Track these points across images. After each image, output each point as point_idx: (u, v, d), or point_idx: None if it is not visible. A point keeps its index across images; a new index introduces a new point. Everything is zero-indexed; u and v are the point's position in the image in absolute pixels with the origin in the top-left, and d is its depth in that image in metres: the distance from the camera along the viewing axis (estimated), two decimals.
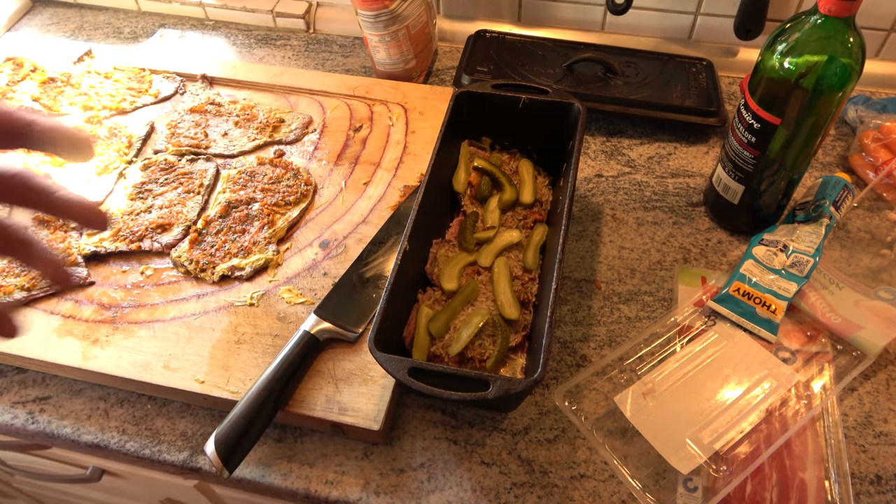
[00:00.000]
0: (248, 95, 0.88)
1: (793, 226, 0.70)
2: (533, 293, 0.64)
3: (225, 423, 0.54)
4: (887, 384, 0.63)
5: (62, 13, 1.10)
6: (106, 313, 0.65)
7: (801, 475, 0.56)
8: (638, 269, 0.72)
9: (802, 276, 0.66)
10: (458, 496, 0.56)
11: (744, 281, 0.66)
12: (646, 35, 0.97)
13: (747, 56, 0.94)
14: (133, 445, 0.60)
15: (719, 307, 0.66)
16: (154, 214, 0.73)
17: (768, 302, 0.65)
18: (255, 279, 0.68)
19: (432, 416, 0.61)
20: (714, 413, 0.59)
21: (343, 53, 1.00)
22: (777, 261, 0.66)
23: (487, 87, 0.72)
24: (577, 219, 0.77)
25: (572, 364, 0.64)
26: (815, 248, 0.66)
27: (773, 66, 0.60)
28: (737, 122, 0.67)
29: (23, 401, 0.63)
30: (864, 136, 0.81)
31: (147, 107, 0.87)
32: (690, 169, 0.83)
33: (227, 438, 0.53)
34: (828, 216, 0.69)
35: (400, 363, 0.51)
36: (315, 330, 0.60)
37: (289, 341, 0.59)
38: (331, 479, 0.58)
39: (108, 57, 0.92)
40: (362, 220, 0.73)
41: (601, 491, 0.57)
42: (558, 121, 0.71)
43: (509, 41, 0.95)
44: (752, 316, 0.65)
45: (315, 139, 0.82)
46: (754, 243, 0.70)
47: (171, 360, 0.61)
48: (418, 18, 0.87)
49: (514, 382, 0.49)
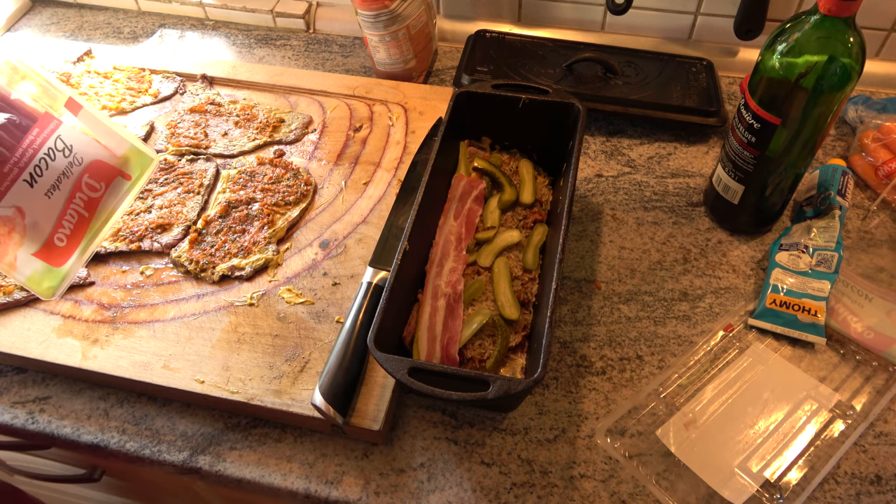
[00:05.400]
0: (248, 95, 0.88)
1: (805, 224, 0.70)
2: (533, 293, 0.64)
3: (324, 375, 0.57)
4: (887, 384, 0.63)
5: (62, 13, 1.10)
6: (106, 313, 0.65)
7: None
8: (638, 269, 0.72)
9: (832, 272, 0.65)
10: (458, 496, 0.56)
11: (777, 291, 0.66)
12: (646, 35, 0.97)
13: (747, 56, 0.94)
14: (133, 445, 0.60)
15: (760, 322, 0.65)
16: (154, 214, 0.73)
17: (807, 306, 0.64)
18: (255, 279, 0.68)
19: (432, 416, 0.61)
20: (759, 439, 0.58)
21: (343, 53, 1.00)
22: (802, 262, 0.66)
23: (487, 87, 0.72)
24: (577, 219, 0.77)
25: (572, 364, 0.64)
26: (836, 242, 0.66)
27: (773, 66, 0.60)
28: (737, 122, 0.67)
29: (23, 401, 0.63)
30: (864, 136, 0.81)
31: (147, 107, 0.87)
32: (690, 169, 0.83)
33: (332, 388, 0.56)
34: (837, 206, 0.69)
35: (400, 363, 0.51)
36: (377, 279, 0.64)
37: (356, 295, 0.63)
38: (331, 479, 0.58)
39: (108, 57, 0.92)
40: (362, 220, 0.73)
41: (601, 491, 0.57)
42: (558, 121, 0.71)
43: (509, 41, 0.95)
44: (795, 323, 0.64)
45: (315, 139, 0.82)
46: (775, 250, 0.69)
47: (171, 360, 0.61)
48: (418, 18, 0.87)
49: (514, 382, 0.49)
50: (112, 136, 0.69)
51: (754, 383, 0.62)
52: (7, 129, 0.59)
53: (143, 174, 0.71)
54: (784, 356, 0.64)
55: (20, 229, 0.61)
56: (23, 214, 0.61)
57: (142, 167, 0.71)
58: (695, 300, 0.69)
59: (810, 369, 0.63)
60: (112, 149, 0.69)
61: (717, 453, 0.57)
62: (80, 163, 0.65)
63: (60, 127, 0.64)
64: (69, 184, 0.64)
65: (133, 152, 0.70)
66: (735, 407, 0.60)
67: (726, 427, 0.59)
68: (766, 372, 0.63)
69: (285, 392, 0.59)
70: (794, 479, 0.56)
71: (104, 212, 0.68)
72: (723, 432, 0.59)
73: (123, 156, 0.70)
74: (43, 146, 0.61)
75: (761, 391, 0.61)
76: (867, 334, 0.64)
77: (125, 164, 0.70)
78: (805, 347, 0.65)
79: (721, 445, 0.58)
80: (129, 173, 0.70)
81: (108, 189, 0.67)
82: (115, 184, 0.68)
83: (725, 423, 0.59)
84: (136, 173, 0.71)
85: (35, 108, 0.63)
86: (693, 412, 0.60)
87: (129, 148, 0.70)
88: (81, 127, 0.66)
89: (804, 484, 0.56)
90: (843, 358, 0.64)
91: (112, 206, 0.68)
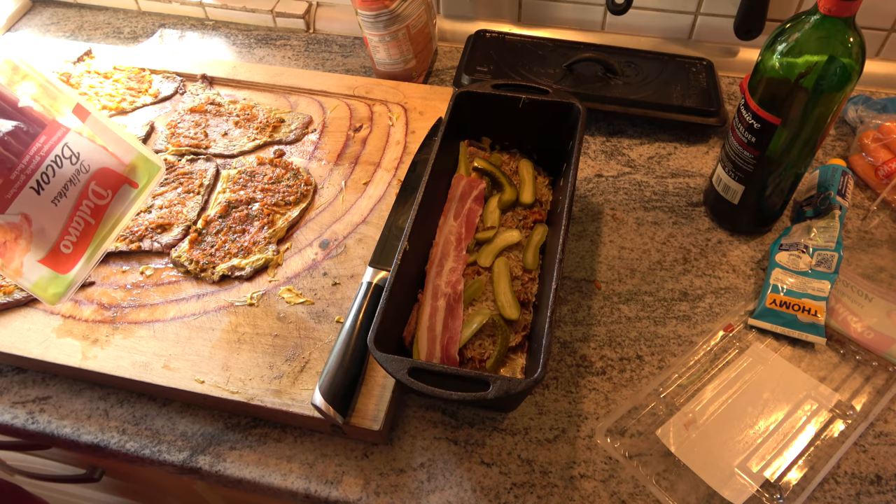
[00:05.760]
0: (248, 95, 0.88)
1: (805, 224, 0.70)
2: (533, 293, 0.64)
3: (324, 375, 0.57)
4: (887, 384, 0.63)
5: (62, 13, 1.10)
6: (106, 313, 0.65)
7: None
8: (638, 269, 0.72)
9: (831, 272, 0.65)
10: (458, 496, 0.56)
11: (777, 291, 0.66)
12: (646, 35, 0.97)
13: (747, 56, 0.94)
14: (133, 445, 0.60)
15: (760, 322, 0.65)
16: (154, 214, 0.73)
17: (807, 306, 0.64)
18: (255, 279, 0.68)
19: (432, 416, 0.61)
20: (759, 439, 0.58)
21: (343, 53, 1.00)
22: (802, 262, 0.66)
23: (487, 87, 0.72)
24: (577, 219, 0.77)
25: (572, 364, 0.65)
26: (836, 242, 0.66)
27: (773, 66, 0.60)
28: (737, 122, 0.67)
29: (23, 401, 0.63)
30: (864, 136, 0.81)
31: (147, 107, 0.87)
32: (690, 169, 0.83)
33: (332, 388, 0.56)
34: (837, 206, 0.69)
35: (400, 363, 0.51)
36: (377, 279, 0.64)
37: (356, 295, 0.63)
38: (331, 479, 0.58)
39: (108, 57, 0.92)
40: (362, 220, 0.73)
41: (601, 491, 0.57)
42: (558, 121, 0.71)
43: (509, 41, 0.95)
44: (795, 323, 0.64)
45: (315, 139, 0.82)
46: (775, 250, 0.69)
47: (171, 360, 0.61)
48: (418, 18, 0.87)
49: (514, 382, 0.49)
50: (119, 143, 0.69)
51: (754, 383, 0.62)
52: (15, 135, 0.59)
53: (150, 182, 0.71)
54: (784, 356, 0.64)
55: (27, 236, 0.61)
56: (29, 221, 0.61)
57: (149, 175, 0.71)
58: (695, 300, 0.69)
59: (810, 369, 0.63)
60: (119, 156, 0.68)
61: (717, 453, 0.57)
62: (87, 170, 0.64)
63: (68, 134, 0.64)
64: (76, 191, 0.64)
65: (140, 160, 0.70)
66: (735, 407, 0.60)
67: (726, 427, 0.59)
68: (766, 372, 0.63)
69: (285, 392, 0.59)
70: (794, 479, 0.56)
71: (110, 219, 0.67)
72: (723, 432, 0.59)
73: (131, 163, 0.69)
74: (50, 153, 0.61)
75: (761, 391, 0.61)
76: (867, 334, 0.64)
77: (132, 172, 0.70)
78: (805, 347, 0.65)
79: (721, 445, 0.58)
80: (136, 181, 0.70)
81: (114, 196, 0.67)
82: (122, 191, 0.68)
83: (725, 423, 0.59)
84: (142, 181, 0.70)
85: (43, 114, 0.63)
86: (693, 412, 0.60)
87: (137, 156, 0.70)
88: (89, 133, 0.66)
89: (804, 484, 0.56)
90: (843, 358, 0.64)
91: (119, 214, 0.68)
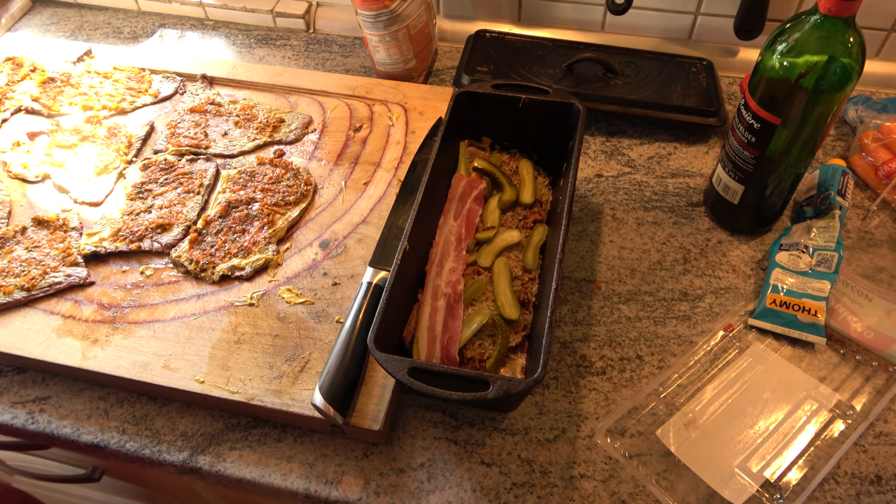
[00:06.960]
0: (248, 95, 0.88)
1: (805, 224, 0.70)
2: (533, 293, 0.64)
3: (324, 375, 0.57)
4: (887, 384, 0.63)
5: (62, 13, 1.10)
6: (106, 313, 0.65)
7: None
8: (638, 269, 0.72)
9: (831, 272, 0.65)
10: (458, 496, 0.56)
11: (777, 291, 0.66)
12: (646, 35, 0.97)
13: (747, 56, 0.94)
14: (133, 445, 0.60)
15: (760, 322, 0.66)
16: (154, 214, 0.73)
17: (807, 306, 0.64)
18: (255, 279, 0.68)
19: (432, 416, 0.61)
20: (759, 439, 0.58)
21: (343, 53, 1.00)
22: (802, 262, 0.66)
23: (487, 87, 0.72)
24: (577, 219, 0.77)
25: (572, 364, 0.64)
26: (836, 242, 0.66)
27: (773, 66, 0.60)
28: (737, 122, 0.67)
29: (23, 401, 0.63)
30: (864, 136, 0.81)
31: (147, 107, 0.87)
32: (690, 169, 0.83)
33: (332, 388, 0.56)
34: (837, 206, 0.69)
35: (400, 363, 0.51)
36: (377, 279, 0.64)
37: (356, 295, 0.63)
38: (331, 479, 0.58)
39: (108, 57, 0.92)
40: (362, 220, 0.73)
41: (601, 491, 0.57)
42: (558, 121, 0.71)
43: (509, 41, 0.95)
44: (795, 323, 0.64)
45: (315, 139, 0.82)
46: (775, 250, 0.69)
47: (171, 360, 0.61)
48: (418, 18, 0.87)
49: (514, 382, 0.49)
50: None
51: (754, 383, 0.62)
52: None
53: None
54: (784, 356, 0.64)
55: None
56: None
57: None
58: (695, 300, 0.69)
59: (810, 369, 0.63)
60: None
61: (717, 453, 0.57)
62: None
63: None
64: None
65: None
66: (735, 407, 0.60)
67: (726, 427, 0.59)
68: (766, 372, 0.63)
69: (285, 392, 0.59)
70: (794, 479, 0.56)
71: None
72: (723, 432, 0.59)
73: None
74: None
75: (761, 391, 0.61)
76: (867, 334, 0.64)
77: None
78: (805, 347, 0.65)
79: (721, 445, 0.58)
80: None
81: None
82: None
83: (725, 423, 0.59)
84: None
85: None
86: (693, 412, 0.60)
87: None
88: None
89: (804, 484, 0.56)
90: (843, 358, 0.64)
91: None
